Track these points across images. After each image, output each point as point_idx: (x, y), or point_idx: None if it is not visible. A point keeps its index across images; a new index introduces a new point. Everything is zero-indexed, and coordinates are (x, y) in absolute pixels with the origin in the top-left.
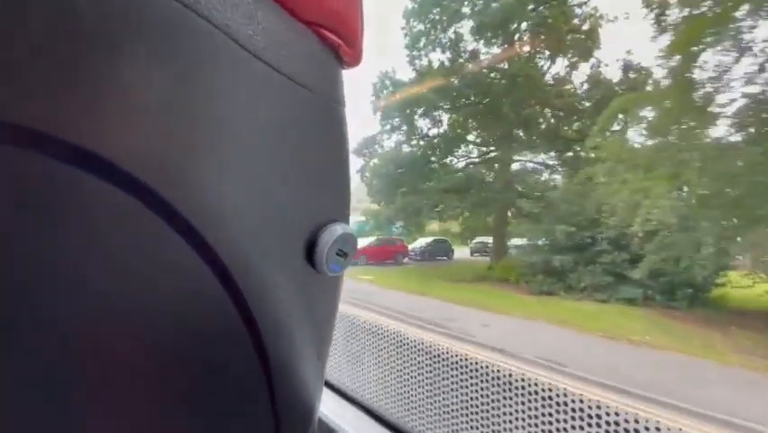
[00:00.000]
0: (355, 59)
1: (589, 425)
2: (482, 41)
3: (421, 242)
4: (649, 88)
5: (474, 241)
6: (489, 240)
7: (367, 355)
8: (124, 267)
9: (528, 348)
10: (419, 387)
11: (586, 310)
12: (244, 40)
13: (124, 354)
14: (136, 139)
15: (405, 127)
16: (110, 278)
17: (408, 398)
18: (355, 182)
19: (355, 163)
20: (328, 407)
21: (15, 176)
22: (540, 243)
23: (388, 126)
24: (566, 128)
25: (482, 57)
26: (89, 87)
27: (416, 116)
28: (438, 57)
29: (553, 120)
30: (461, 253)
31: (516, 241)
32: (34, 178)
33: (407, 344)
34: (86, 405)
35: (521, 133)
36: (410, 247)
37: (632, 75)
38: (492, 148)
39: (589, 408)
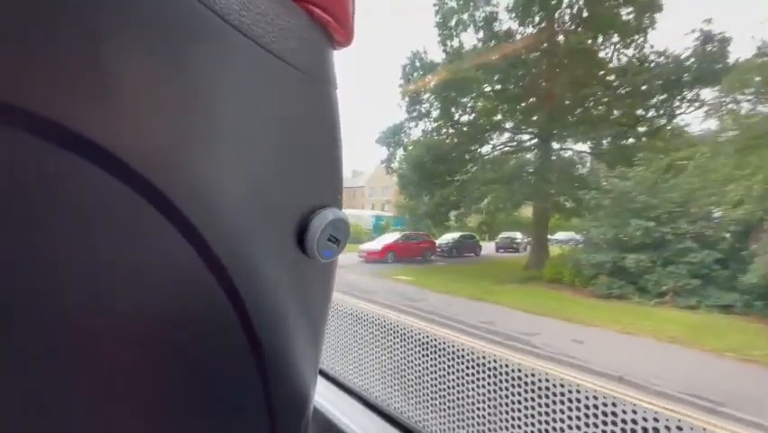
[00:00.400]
0: (346, 39)
1: (605, 423)
2: (518, 20)
3: (447, 238)
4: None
5: (500, 236)
6: (516, 235)
7: (362, 345)
8: (114, 255)
9: (657, 375)
10: (414, 377)
11: (685, 320)
12: (230, 16)
13: (116, 345)
14: (123, 124)
15: (438, 112)
16: (100, 266)
17: (404, 388)
18: (368, 173)
19: (380, 153)
20: (323, 396)
21: (5, 158)
22: (596, 239)
23: (415, 113)
24: (617, 111)
25: (518, 37)
26: (74, 70)
27: (454, 100)
28: (472, 37)
29: (605, 102)
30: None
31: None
32: (24, 159)
33: (402, 333)
34: (81, 396)
35: (568, 119)
36: (437, 243)
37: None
38: (528, 135)
39: (605, 404)
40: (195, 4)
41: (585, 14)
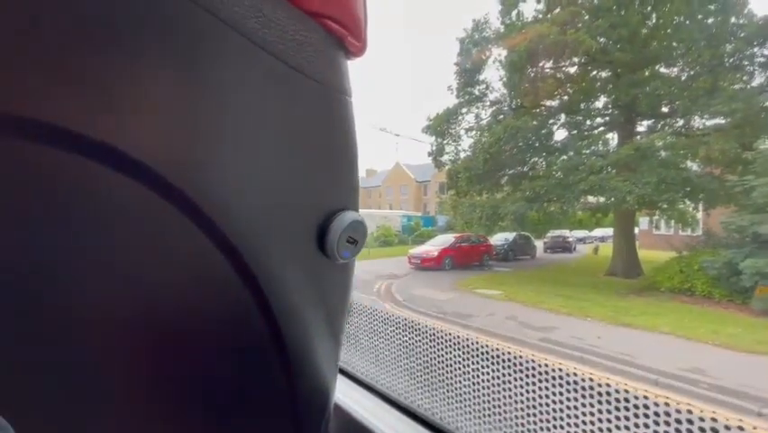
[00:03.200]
0: (360, 50)
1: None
2: None
3: (500, 238)
4: None
5: (549, 235)
6: (566, 233)
7: (382, 343)
8: (142, 257)
9: None
10: (433, 373)
11: None
12: (251, 32)
13: (143, 341)
14: (149, 131)
15: (507, 90)
16: (128, 268)
17: (423, 383)
18: (383, 173)
19: (396, 152)
20: (343, 392)
21: (29, 168)
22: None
23: (467, 97)
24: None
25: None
26: (99, 81)
27: (533, 69)
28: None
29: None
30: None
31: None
32: (48, 170)
33: (421, 331)
34: (109, 389)
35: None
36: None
37: None
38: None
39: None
40: (216, 22)
41: None
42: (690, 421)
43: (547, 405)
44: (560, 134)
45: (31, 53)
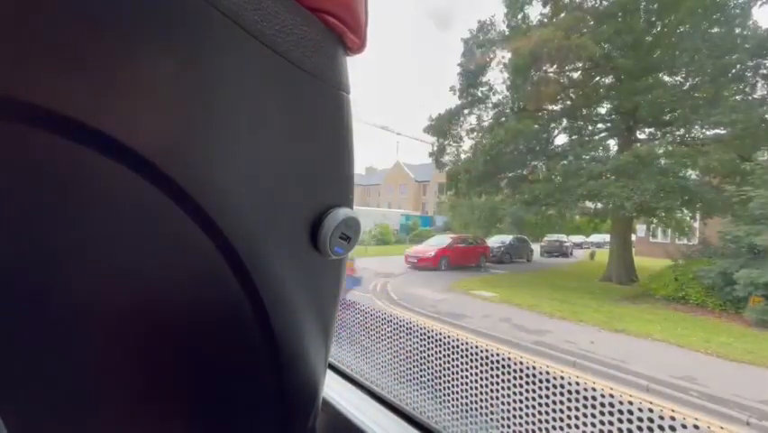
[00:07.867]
0: (360, 47)
1: (620, 420)
2: None
3: (497, 241)
4: None
5: (547, 239)
6: (563, 238)
7: (370, 340)
8: (135, 248)
9: None
10: (424, 372)
11: None
12: (251, 26)
13: (133, 333)
14: (145, 120)
15: (510, 92)
16: (120, 259)
17: (407, 381)
18: (383, 171)
19: (396, 151)
20: (332, 388)
21: (28, 154)
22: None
23: (470, 98)
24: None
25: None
26: (98, 68)
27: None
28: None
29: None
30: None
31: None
32: (43, 155)
33: (413, 330)
34: (97, 382)
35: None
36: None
37: None
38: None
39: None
40: (217, 15)
41: None
42: (672, 428)
43: (534, 407)
44: (560, 139)
45: (31, 38)
